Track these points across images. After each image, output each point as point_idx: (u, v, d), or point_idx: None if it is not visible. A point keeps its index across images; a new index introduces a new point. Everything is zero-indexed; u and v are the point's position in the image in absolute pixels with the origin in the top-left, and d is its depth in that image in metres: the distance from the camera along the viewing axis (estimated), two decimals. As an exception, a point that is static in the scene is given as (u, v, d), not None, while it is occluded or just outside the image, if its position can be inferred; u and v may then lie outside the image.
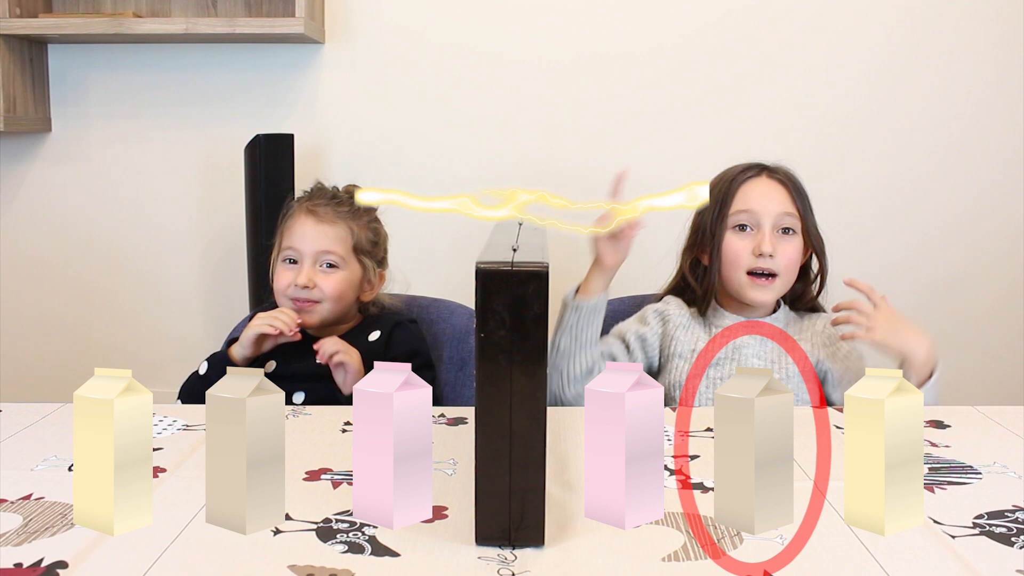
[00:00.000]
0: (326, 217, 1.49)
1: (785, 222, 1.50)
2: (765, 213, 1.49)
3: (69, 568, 0.78)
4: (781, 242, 1.50)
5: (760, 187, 1.52)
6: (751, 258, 1.49)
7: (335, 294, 1.48)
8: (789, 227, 1.51)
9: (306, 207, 1.51)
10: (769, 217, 1.49)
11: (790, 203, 1.51)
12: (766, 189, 1.51)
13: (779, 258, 1.48)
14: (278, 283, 1.50)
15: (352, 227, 1.51)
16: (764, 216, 1.49)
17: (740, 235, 1.51)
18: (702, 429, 1.21)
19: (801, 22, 2.43)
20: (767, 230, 1.48)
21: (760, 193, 1.51)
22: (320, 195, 1.53)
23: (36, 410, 1.25)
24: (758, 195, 1.51)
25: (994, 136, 2.47)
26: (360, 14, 2.45)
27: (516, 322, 0.78)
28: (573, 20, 2.44)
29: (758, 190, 1.51)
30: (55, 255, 2.54)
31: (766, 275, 1.49)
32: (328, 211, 1.50)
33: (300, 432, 1.17)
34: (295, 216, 1.51)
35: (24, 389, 2.54)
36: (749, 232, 1.50)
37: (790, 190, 1.52)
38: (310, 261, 1.48)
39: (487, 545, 0.82)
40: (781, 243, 1.49)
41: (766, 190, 1.51)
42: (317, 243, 1.48)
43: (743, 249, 1.49)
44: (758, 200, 1.50)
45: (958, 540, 0.86)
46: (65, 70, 2.48)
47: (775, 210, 1.50)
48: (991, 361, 2.51)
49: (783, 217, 1.50)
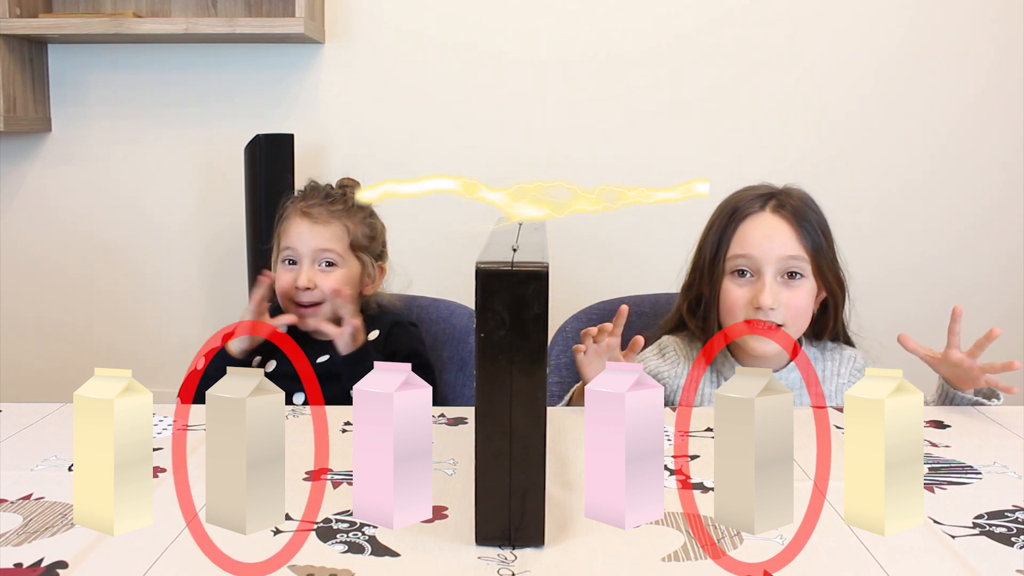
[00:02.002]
0: (320, 218, 1.50)
1: (790, 266, 1.33)
2: (766, 258, 1.33)
3: (69, 568, 0.78)
4: (785, 290, 1.33)
5: (761, 227, 1.35)
6: (750, 309, 1.33)
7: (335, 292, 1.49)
8: (795, 271, 1.34)
9: (300, 208, 1.51)
10: (771, 263, 1.33)
11: (796, 244, 1.34)
12: (768, 229, 1.35)
13: (782, 309, 1.32)
14: (279, 284, 1.50)
15: (347, 224, 1.52)
16: (765, 262, 1.33)
17: (738, 281, 1.35)
18: (702, 429, 1.21)
19: (800, 23, 2.43)
20: (768, 279, 1.32)
21: (761, 234, 1.34)
22: (313, 195, 1.53)
23: (36, 410, 1.25)
24: (759, 236, 1.34)
25: (995, 138, 2.47)
26: (360, 14, 2.45)
27: (516, 322, 0.78)
28: (573, 20, 2.44)
29: (759, 231, 1.35)
30: (55, 255, 2.54)
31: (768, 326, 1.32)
32: (322, 211, 1.50)
33: (300, 432, 1.17)
34: (290, 218, 1.52)
35: (24, 389, 2.54)
36: (749, 279, 1.34)
37: (797, 227, 1.34)
38: (308, 261, 1.48)
39: (487, 545, 0.82)
40: (785, 291, 1.33)
41: (768, 230, 1.34)
42: (314, 243, 1.49)
43: (741, 299, 1.34)
44: (758, 243, 1.34)
45: (958, 540, 0.86)
46: (65, 70, 2.48)
47: (778, 254, 1.33)
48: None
49: (787, 261, 1.33)
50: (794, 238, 1.34)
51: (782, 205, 1.37)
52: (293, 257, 1.50)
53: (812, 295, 1.36)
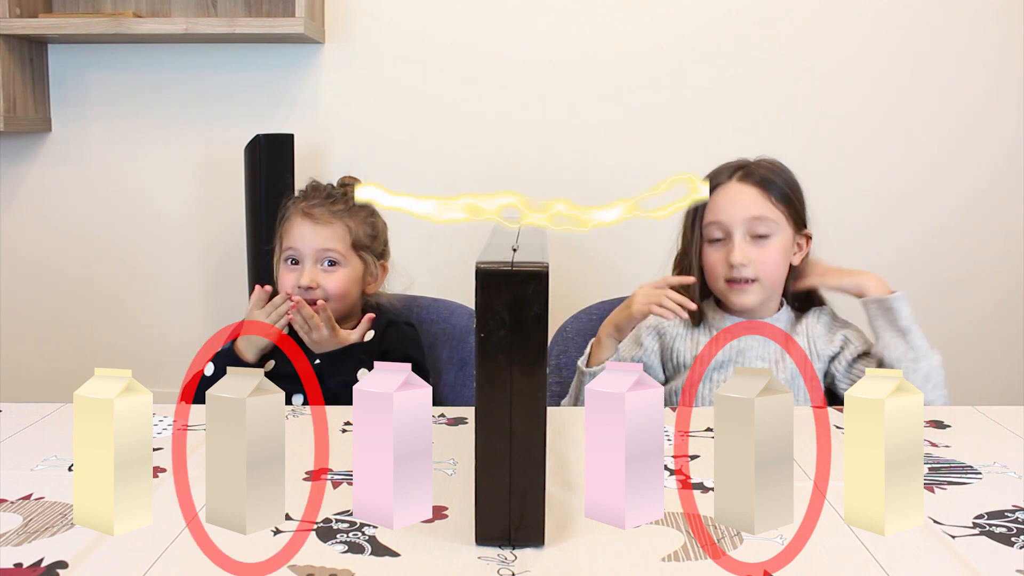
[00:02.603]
0: (322, 218, 1.50)
1: (756, 228, 1.47)
2: (733, 221, 1.47)
3: (69, 568, 0.78)
4: (754, 248, 1.47)
5: (728, 194, 1.49)
6: (725, 268, 1.47)
7: (339, 292, 1.49)
8: (762, 232, 1.47)
9: (302, 209, 1.51)
10: (738, 224, 1.47)
11: (762, 204, 1.48)
12: (733, 195, 1.49)
13: (753, 265, 1.46)
14: (282, 284, 1.50)
15: (349, 224, 1.52)
16: (733, 224, 1.47)
17: (714, 246, 1.49)
18: (702, 429, 1.21)
19: (800, 22, 2.43)
20: (737, 238, 1.46)
21: (727, 201, 1.48)
22: (315, 195, 1.54)
23: (36, 410, 1.25)
24: (725, 203, 1.48)
25: (994, 136, 2.47)
26: (360, 14, 2.45)
27: (516, 322, 0.78)
28: (573, 20, 2.44)
29: (725, 198, 1.49)
30: (55, 255, 2.54)
31: (744, 280, 1.47)
32: (323, 211, 1.51)
33: (300, 432, 1.17)
34: (291, 219, 1.52)
35: (24, 389, 2.54)
36: (722, 241, 1.49)
37: (762, 190, 1.48)
38: (311, 261, 1.49)
39: (487, 545, 0.82)
40: (754, 249, 1.47)
41: (733, 196, 1.48)
42: (316, 243, 1.49)
43: (718, 261, 1.48)
44: (725, 209, 1.48)
45: (958, 540, 0.86)
46: (65, 70, 2.48)
47: (743, 215, 1.47)
48: (992, 361, 2.51)
49: (752, 222, 1.47)
50: (760, 199, 1.48)
51: (749, 174, 1.51)
52: (295, 257, 1.50)
53: (783, 251, 1.50)
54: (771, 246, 1.48)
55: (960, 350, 2.48)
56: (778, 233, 1.49)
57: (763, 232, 1.48)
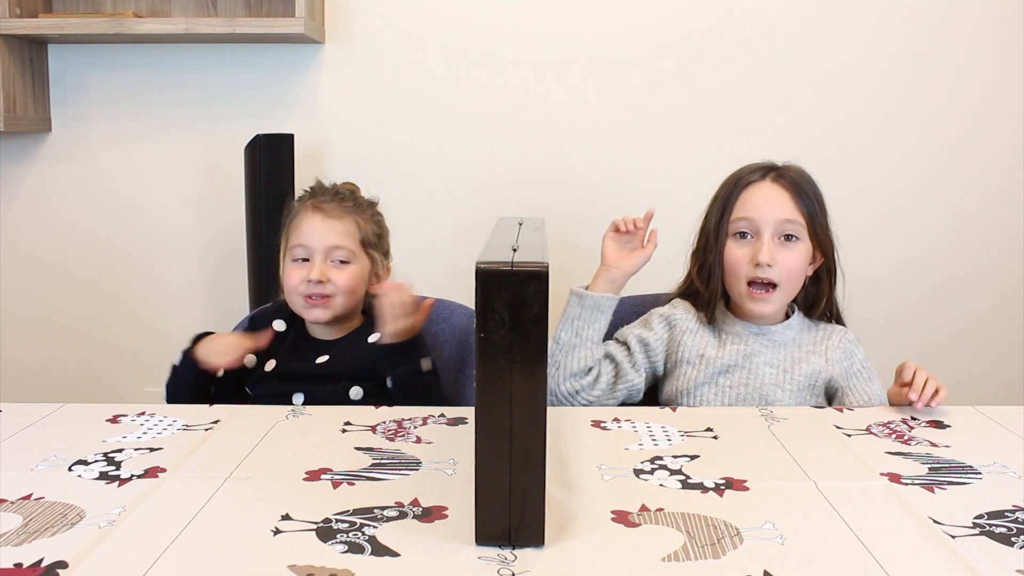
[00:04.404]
0: (333, 213, 1.50)
1: (786, 229, 1.46)
2: (765, 220, 1.45)
3: (69, 568, 0.78)
4: (781, 250, 1.45)
5: (761, 192, 1.48)
6: (750, 267, 1.45)
7: (348, 288, 1.49)
8: (791, 234, 1.46)
9: (311, 204, 1.51)
10: (769, 224, 1.45)
11: (793, 209, 1.46)
12: (768, 195, 1.47)
13: (779, 267, 1.44)
14: (289, 281, 1.50)
15: (358, 221, 1.52)
16: (764, 223, 1.45)
17: (740, 243, 1.48)
18: (702, 429, 1.21)
19: (802, 22, 2.43)
20: (766, 238, 1.45)
21: (761, 199, 1.47)
22: (323, 192, 1.55)
23: (36, 410, 1.25)
24: (759, 201, 1.47)
25: (995, 137, 2.47)
26: (360, 14, 2.45)
27: (516, 322, 0.78)
28: (573, 21, 2.44)
29: (759, 196, 1.47)
30: (55, 255, 2.54)
31: (765, 286, 1.45)
32: (334, 207, 1.51)
33: (300, 432, 1.17)
34: (301, 214, 1.52)
35: (24, 389, 2.54)
36: (749, 240, 1.47)
37: (794, 195, 1.47)
38: (321, 257, 1.49)
39: (487, 545, 0.82)
40: (781, 251, 1.45)
41: (767, 196, 1.47)
42: (327, 239, 1.49)
43: (742, 258, 1.46)
44: (758, 207, 1.46)
45: (958, 540, 0.86)
46: (65, 70, 2.48)
47: (775, 217, 1.45)
48: (992, 361, 2.51)
49: (784, 224, 1.46)
50: (791, 204, 1.47)
51: (781, 176, 1.50)
52: (304, 254, 1.50)
53: (806, 258, 1.48)
54: (796, 251, 1.47)
55: (961, 350, 2.48)
56: (803, 239, 1.47)
57: (791, 235, 1.46)
